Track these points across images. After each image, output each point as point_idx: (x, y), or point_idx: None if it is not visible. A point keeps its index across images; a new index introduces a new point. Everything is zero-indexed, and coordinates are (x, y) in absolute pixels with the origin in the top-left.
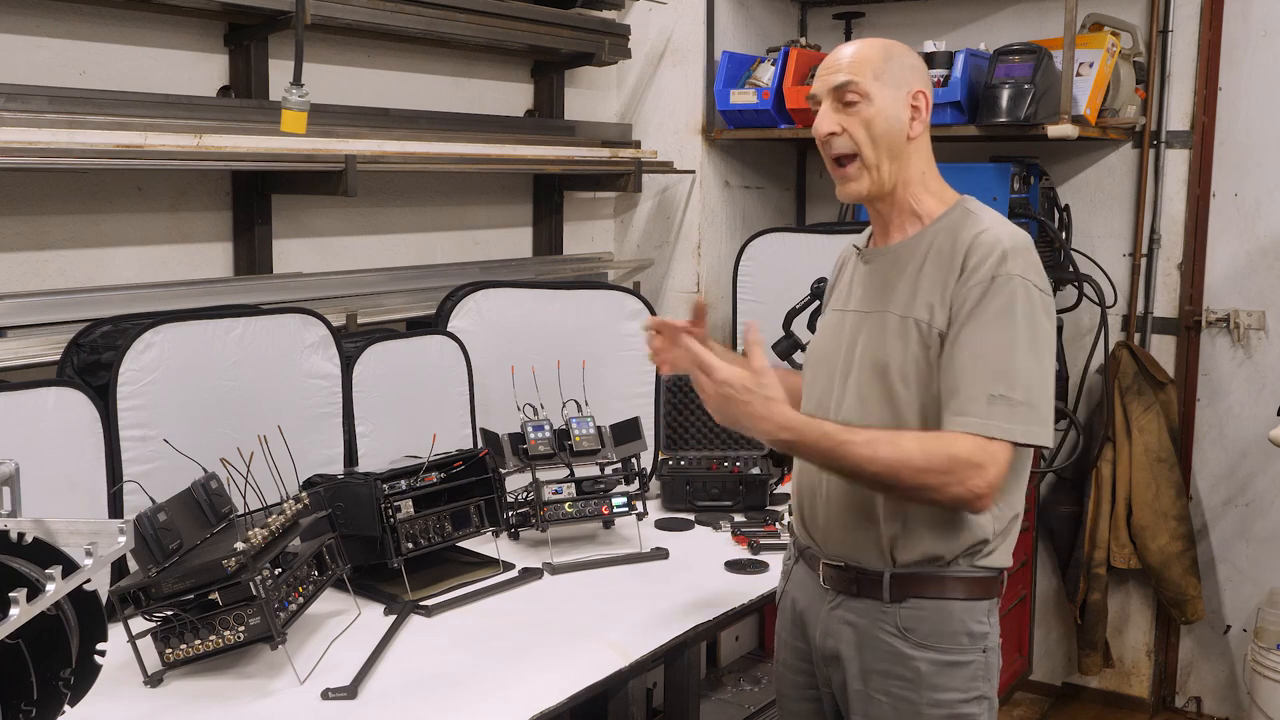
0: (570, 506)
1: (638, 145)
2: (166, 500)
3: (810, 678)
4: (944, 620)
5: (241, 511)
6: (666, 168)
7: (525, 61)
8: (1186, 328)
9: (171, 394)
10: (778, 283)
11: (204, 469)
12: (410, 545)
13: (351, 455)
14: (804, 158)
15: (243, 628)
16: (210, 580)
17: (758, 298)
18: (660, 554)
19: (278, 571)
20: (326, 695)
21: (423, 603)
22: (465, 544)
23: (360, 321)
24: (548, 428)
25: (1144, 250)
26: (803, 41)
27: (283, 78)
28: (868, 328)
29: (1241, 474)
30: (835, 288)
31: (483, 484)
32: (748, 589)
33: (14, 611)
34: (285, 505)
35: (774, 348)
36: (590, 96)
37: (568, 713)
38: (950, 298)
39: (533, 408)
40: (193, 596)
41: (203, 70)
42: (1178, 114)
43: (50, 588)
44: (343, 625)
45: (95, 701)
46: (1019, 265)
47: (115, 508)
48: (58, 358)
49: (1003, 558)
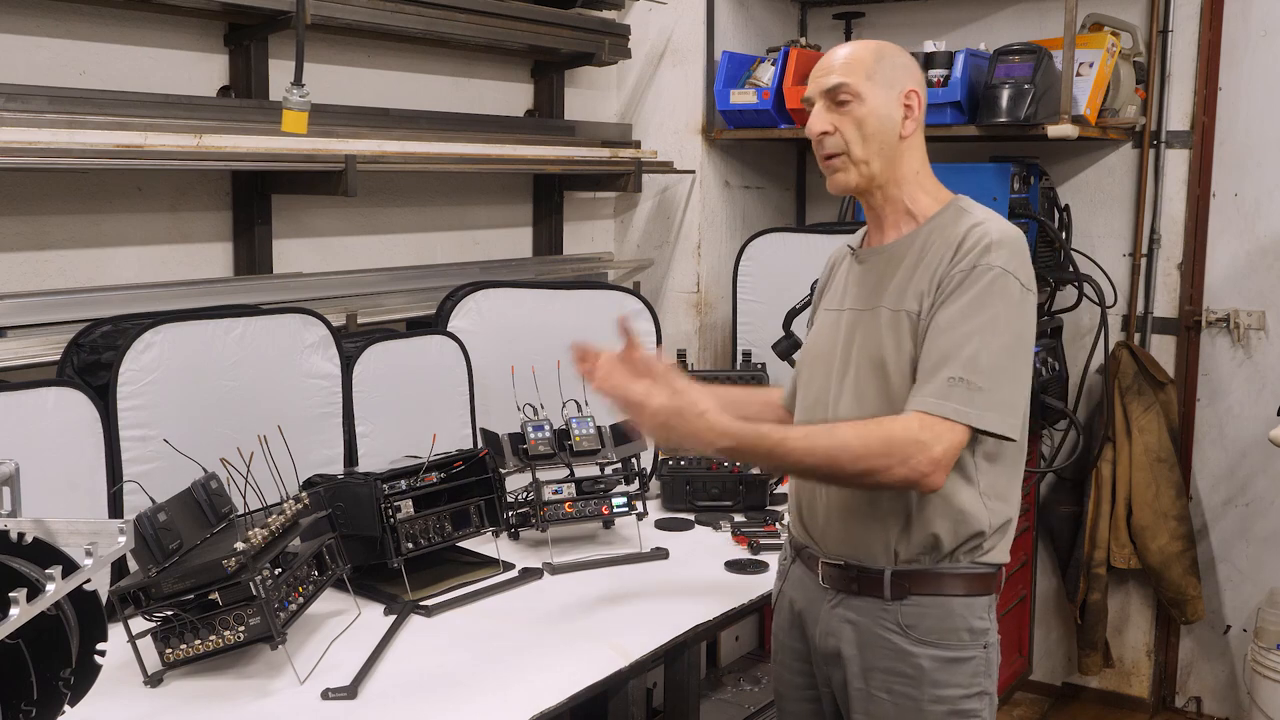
0: (570, 506)
1: (638, 145)
2: (166, 500)
3: (809, 678)
4: (945, 617)
5: (241, 511)
6: (666, 168)
7: (525, 61)
8: (1186, 328)
9: (171, 394)
10: (778, 283)
11: (204, 469)
12: (410, 545)
13: (351, 455)
14: (804, 158)
15: (243, 628)
16: (210, 580)
17: (758, 298)
18: (660, 554)
19: (278, 571)
20: (326, 695)
21: (423, 603)
22: (465, 544)
23: (360, 321)
24: (548, 428)
25: (1144, 250)
26: (803, 41)
27: (282, 78)
28: (863, 324)
29: (1241, 474)
30: (828, 289)
31: (483, 484)
32: (748, 589)
33: (14, 611)
34: (285, 505)
35: (774, 348)
36: (590, 96)
37: (568, 713)
38: (936, 285)
39: (533, 408)
40: (193, 596)
41: (203, 70)
42: (1178, 114)
43: (50, 588)
44: (343, 625)
45: (95, 701)
46: (1001, 257)
47: (115, 508)
48: (58, 358)
49: (1001, 554)
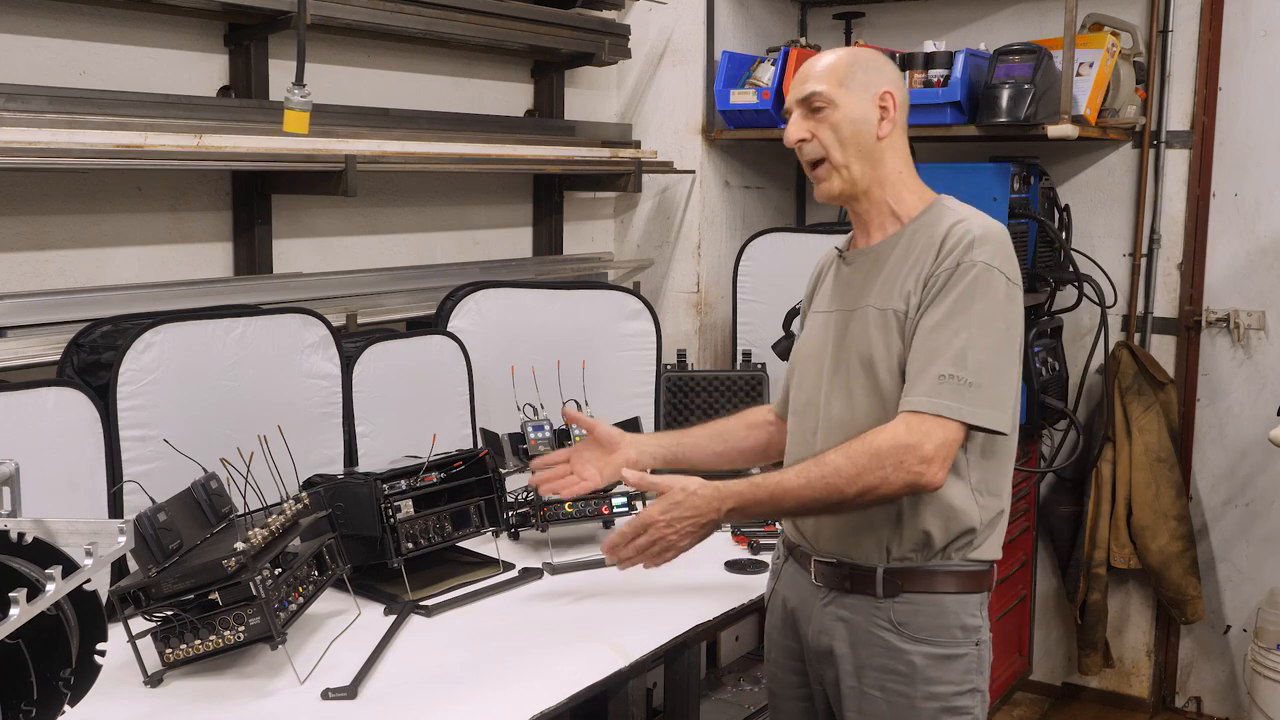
0: (570, 506)
1: (638, 145)
2: (166, 500)
3: (802, 676)
4: (937, 614)
5: (241, 511)
6: (666, 168)
7: (525, 61)
8: (1186, 328)
9: (171, 394)
10: (778, 283)
11: (204, 469)
12: (410, 545)
13: (351, 455)
14: None
15: (243, 628)
16: (210, 580)
17: (757, 298)
18: None
19: (278, 571)
20: (326, 695)
21: (423, 603)
22: (465, 544)
23: (360, 321)
24: (548, 428)
25: (1144, 250)
26: (803, 41)
27: (282, 78)
28: (852, 325)
29: (1241, 474)
30: (817, 292)
31: (483, 484)
32: (747, 589)
33: (14, 611)
34: (285, 505)
35: (774, 348)
36: (590, 96)
37: (568, 713)
38: (922, 285)
39: (533, 408)
40: (193, 596)
41: (203, 70)
42: (1178, 114)
43: (50, 588)
44: (343, 625)
45: (95, 701)
46: (985, 253)
47: (115, 508)
48: (58, 358)
49: (992, 549)
